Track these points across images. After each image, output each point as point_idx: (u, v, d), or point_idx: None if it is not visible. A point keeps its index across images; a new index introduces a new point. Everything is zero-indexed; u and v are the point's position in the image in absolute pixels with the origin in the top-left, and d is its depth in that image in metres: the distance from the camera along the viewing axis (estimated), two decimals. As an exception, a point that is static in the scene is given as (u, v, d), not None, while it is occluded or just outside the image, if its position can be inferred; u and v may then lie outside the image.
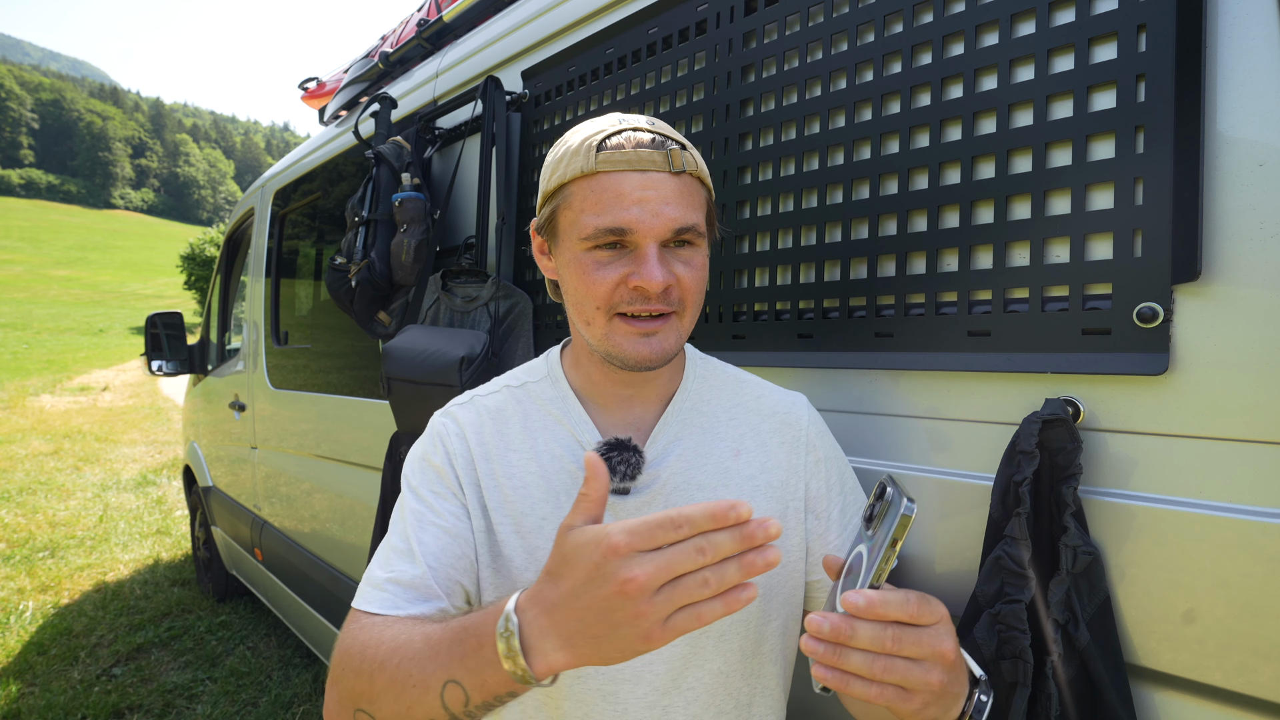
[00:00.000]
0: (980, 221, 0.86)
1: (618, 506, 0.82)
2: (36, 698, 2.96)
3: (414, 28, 2.15)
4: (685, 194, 0.76)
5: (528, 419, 0.88)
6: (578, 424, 0.86)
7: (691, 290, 0.78)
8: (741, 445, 0.88)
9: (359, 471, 2.19)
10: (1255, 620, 0.67)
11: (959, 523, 0.88)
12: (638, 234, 0.74)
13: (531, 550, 0.82)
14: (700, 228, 0.78)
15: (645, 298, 0.76)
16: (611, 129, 0.77)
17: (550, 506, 0.83)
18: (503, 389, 0.91)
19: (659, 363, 0.79)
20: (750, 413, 0.90)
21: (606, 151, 0.75)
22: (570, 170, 0.77)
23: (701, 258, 0.79)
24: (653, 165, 0.75)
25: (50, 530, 5.20)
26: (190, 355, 3.95)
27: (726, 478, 0.85)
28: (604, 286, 0.76)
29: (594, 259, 0.77)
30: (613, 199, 0.74)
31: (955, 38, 0.88)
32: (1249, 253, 0.67)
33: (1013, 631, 0.75)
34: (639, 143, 0.75)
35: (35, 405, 10.88)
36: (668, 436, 0.86)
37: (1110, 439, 0.76)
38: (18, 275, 48.39)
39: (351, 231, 1.87)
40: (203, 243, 28.88)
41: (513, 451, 0.86)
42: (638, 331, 0.77)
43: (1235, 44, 0.68)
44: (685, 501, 0.83)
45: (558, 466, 0.84)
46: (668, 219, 0.74)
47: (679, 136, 0.79)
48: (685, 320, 0.80)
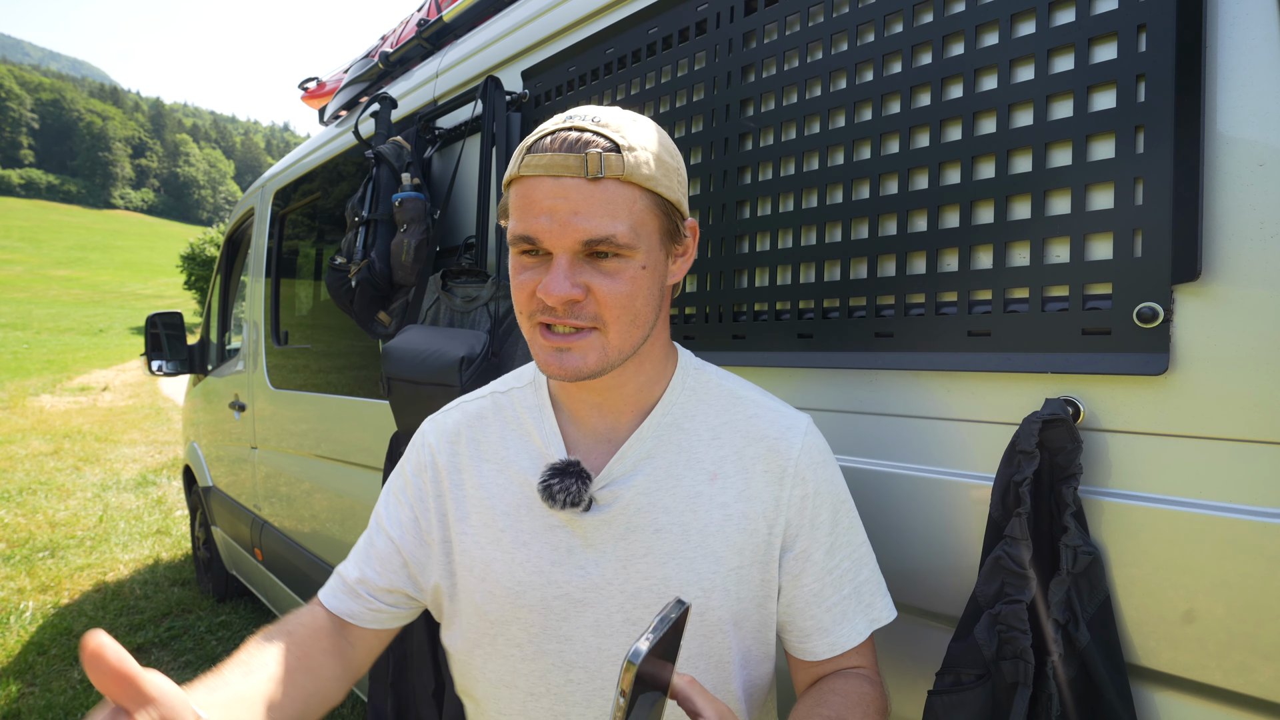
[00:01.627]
0: (980, 221, 0.86)
1: (577, 523, 0.80)
2: (36, 698, 2.96)
3: (414, 28, 2.15)
4: (604, 203, 0.70)
5: (505, 428, 0.88)
6: (547, 436, 0.84)
7: (610, 305, 0.72)
8: (720, 469, 0.81)
9: (359, 471, 2.19)
10: (1255, 620, 0.67)
11: (959, 523, 0.88)
12: (545, 243, 0.71)
13: (488, 562, 0.82)
14: (620, 239, 0.70)
15: (551, 309, 0.73)
16: (550, 129, 0.73)
17: (508, 520, 0.83)
18: (489, 395, 0.91)
19: (573, 378, 0.74)
20: (737, 434, 0.83)
21: (532, 154, 0.71)
22: (510, 171, 0.75)
23: (632, 270, 0.72)
24: (565, 171, 0.69)
25: (50, 530, 5.19)
26: (190, 355, 3.95)
27: (696, 503, 0.80)
28: (523, 293, 0.74)
29: (519, 264, 0.75)
30: (527, 206, 0.71)
31: (955, 38, 0.88)
32: (1249, 253, 0.67)
33: (1013, 632, 0.75)
34: (561, 144, 0.70)
35: (35, 405, 10.88)
36: (638, 453, 0.81)
37: (1110, 439, 0.76)
38: (18, 275, 48.40)
39: (351, 231, 1.87)
40: (203, 243, 28.89)
41: (485, 462, 0.86)
42: (552, 345, 0.74)
43: (1235, 44, 0.68)
44: (648, 524, 0.79)
45: (521, 479, 0.83)
46: (575, 230, 0.69)
47: (621, 138, 0.71)
48: (611, 336, 0.74)
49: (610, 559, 0.80)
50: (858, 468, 0.97)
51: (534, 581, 0.80)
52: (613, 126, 0.72)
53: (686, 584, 0.79)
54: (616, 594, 0.79)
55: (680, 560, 0.79)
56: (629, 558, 0.79)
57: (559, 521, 0.81)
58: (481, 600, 0.83)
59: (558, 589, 0.80)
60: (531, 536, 0.82)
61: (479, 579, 0.83)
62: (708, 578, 0.79)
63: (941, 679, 0.81)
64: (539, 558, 0.81)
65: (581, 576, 0.80)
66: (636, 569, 0.79)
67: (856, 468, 0.97)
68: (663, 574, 0.79)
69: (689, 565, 0.79)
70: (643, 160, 0.72)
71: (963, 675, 0.79)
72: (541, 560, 0.81)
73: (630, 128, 0.73)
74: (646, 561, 0.79)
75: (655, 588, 0.79)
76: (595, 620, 0.79)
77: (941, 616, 0.91)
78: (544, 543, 0.81)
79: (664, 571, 0.79)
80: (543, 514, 0.82)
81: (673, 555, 0.79)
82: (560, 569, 0.80)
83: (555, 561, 0.80)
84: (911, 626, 0.95)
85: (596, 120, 0.72)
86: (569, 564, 0.80)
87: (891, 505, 0.95)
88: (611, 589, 0.79)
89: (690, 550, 0.79)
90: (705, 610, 0.79)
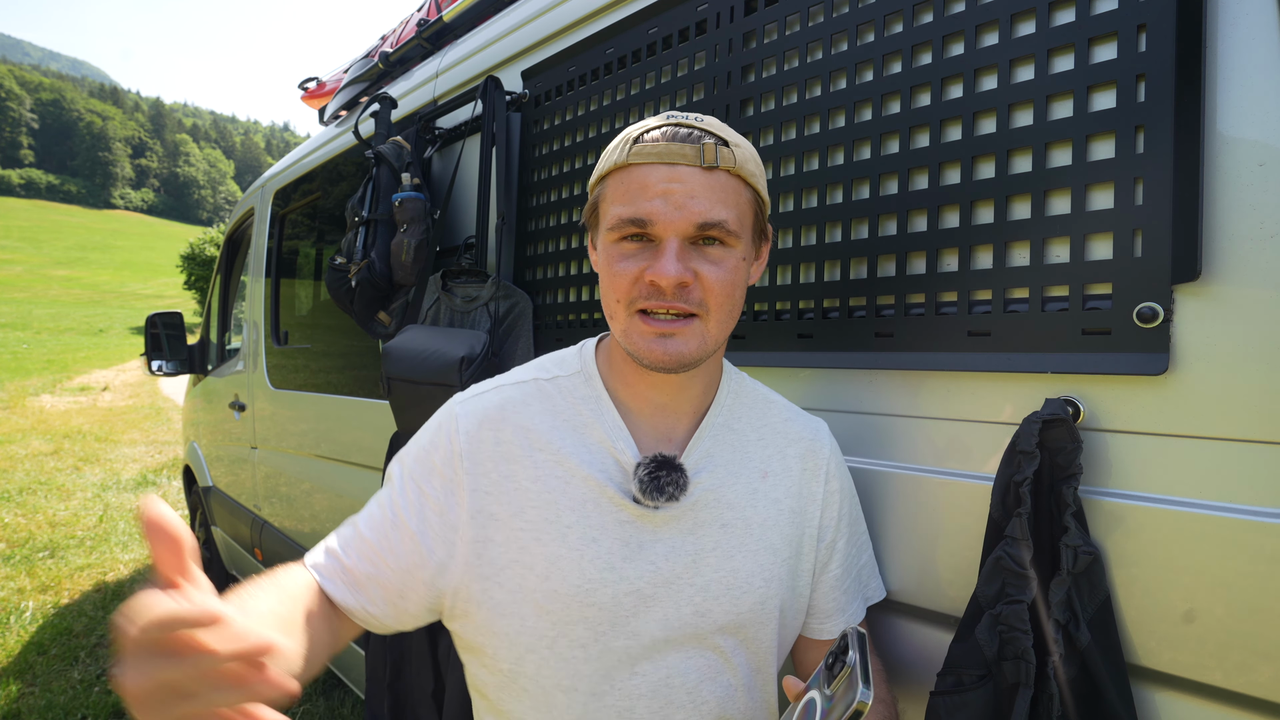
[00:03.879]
0: (980, 221, 0.86)
1: (649, 518, 0.80)
2: (36, 698, 2.96)
3: (414, 28, 2.15)
4: (717, 190, 0.74)
5: (555, 418, 0.83)
6: (613, 431, 0.82)
7: (716, 292, 0.75)
8: (769, 467, 0.87)
9: (359, 471, 2.19)
10: (1255, 620, 0.67)
11: (959, 523, 0.88)
12: (658, 226, 0.73)
13: (552, 559, 0.78)
14: (730, 226, 0.74)
15: (660, 293, 0.74)
16: (655, 124, 0.77)
17: (574, 515, 0.79)
18: (532, 380, 0.86)
19: (674, 366, 0.76)
20: (778, 435, 0.89)
21: (641, 144, 0.75)
22: (609, 162, 0.78)
23: (734, 260, 0.76)
24: (682, 159, 0.73)
25: (50, 530, 5.19)
26: (190, 355, 3.95)
27: (755, 499, 0.85)
28: (624, 279, 0.75)
29: (619, 251, 0.76)
30: (638, 190, 0.74)
31: (955, 38, 0.88)
32: (1249, 253, 0.67)
33: (1015, 632, 0.75)
34: (674, 136, 0.74)
35: (35, 405, 10.88)
36: (701, 452, 0.84)
37: (1110, 439, 0.76)
38: (18, 275, 48.41)
39: (351, 231, 1.87)
40: (203, 243, 28.91)
41: (539, 452, 0.81)
42: (654, 331, 0.75)
43: (1235, 44, 0.68)
44: (714, 519, 0.82)
45: (585, 474, 0.81)
46: (691, 213, 0.73)
47: (728, 134, 0.77)
48: (710, 325, 0.76)
49: (681, 553, 0.81)
50: (858, 468, 0.97)
51: (605, 578, 0.78)
52: (715, 125, 0.77)
53: (752, 575, 0.82)
54: (686, 587, 0.81)
55: (746, 553, 0.83)
56: (699, 551, 0.81)
57: (629, 517, 0.80)
58: (544, 600, 0.78)
59: (629, 585, 0.79)
60: (601, 532, 0.80)
61: (541, 578, 0.78)
62: (769, 568, 0.84)
63: (943, 680, 0.81)
64: (610, 554, 0.79)
65: (653, 571, 0.80)
66: (707, 562, 0.81)
67: (857, 468, 0.97)
68: (731, 566, 0.82)
69: (753, 557, 0.83)
70: (748, 156, 0.77)
71: (964, 676, 0.79)
72: (613, 556, 0.79)
73: (728, 129, 0.78)
74: (716, 555, 0.82)
75: (725, 580, 0.81)
76: (664, 615, 0.80)
77: (942, 617, 0.91)
78: (614, 538, 0.80)
79: (732, 564, 0.82)
80: (611, 509, 0.80)
81: (739, 548, 0.82)
82: (632, 564, 0.79)
83: (627, 557, 0.79)
84: (912, 627, 0.95)
85: (699, 119, 0.77)
86: (640, 559, 0.80)
87: (891, 505, 0.95)
88: (682, 583, 0.80)
89: (754, 543, 0.83)
90: (765, 599, 0.83)
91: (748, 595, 0.82)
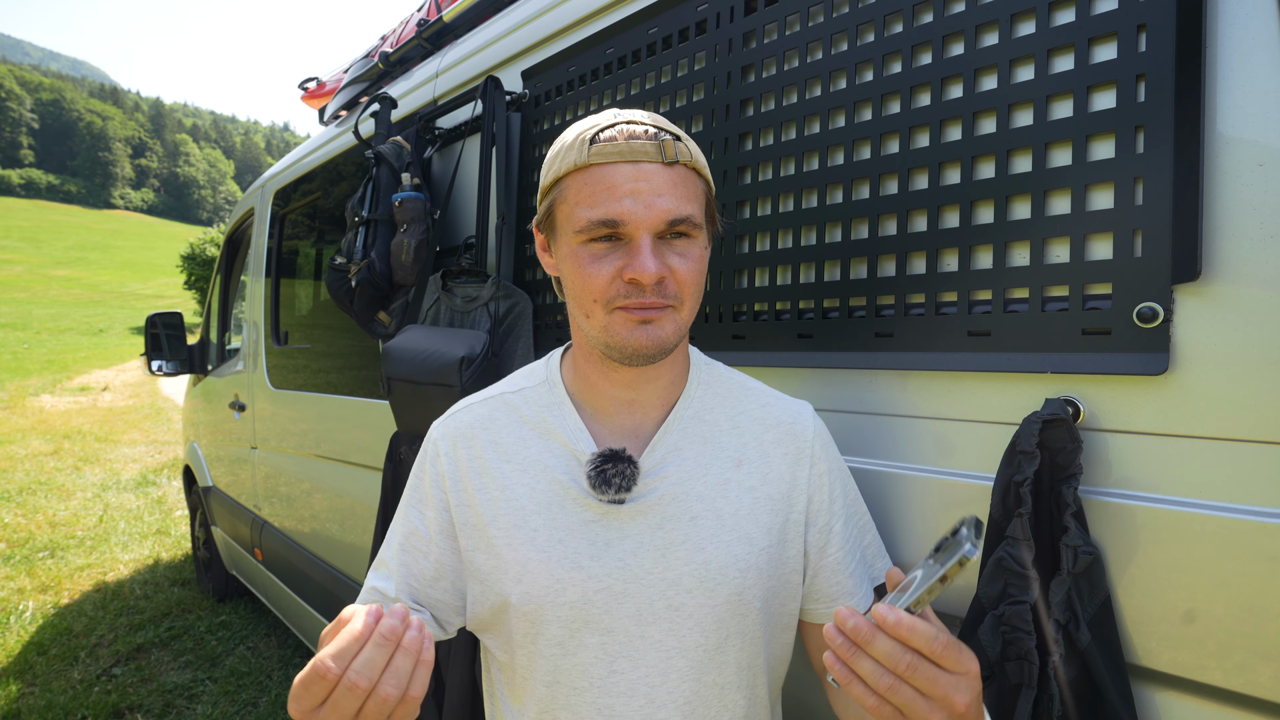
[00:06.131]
0: (980, 221, 0.86)
1: (614, 516, 0.82)
2: (36, 698, 2.96)
3: (414, 28, 2.15)
4: (679, 185, 0.75)
5: (521, 428, 0.88)
6: (572, 432, 0.85)
7: (687, 283, 0.77)
8: (744, 455, 0.86)
9: (359, 471, 2.19)
10: (1255, 620, 0.67)
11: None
12: (630, 225, 0.74)
13: (523, 563, 0.82)
14: (696, 219, 0.76)
15: (640, 290, 0.75)
16: (606, 123, 0.77)
17: (541, 519, 0.83)
18: (499, 396, 0.91)
19: (656, 352, 0.77)
20: (754, 422, 0.89)
21: (599, 144, 0.75)
22: (565, 164, 0.77)
23: (698, 250, 0.78)
24: (645, 156, 0.74)
25: (50, 530, 5.19)
26: (190, 355, 3.95)
27: (726, 489, 0.84)
28: (600, 280, 0.75)
29: (589, 252, 0.76)
30: (605, 191, 0.74)
31: (955, 38, 0.88)
32: (1249, 253, 0.67)
33: (1018, 633, 0.75)
34: (632, 134, 0.75)
35: (35, 405, 10.88)
36: (667, 446, 0.84)
37: (1110, 439, 0.76)
38: (18, 275, 48.42)
39: (351, 231, 1.87)
40: (203, 243, 28.88)
41: (507, 463, 0.86)
42: (636, 318, 0.76)
43: (1235, 44, 0.68)
44: (683, 512, 0.82)
45: (549, 477, 0.84)
46: (660, 210, 0.73)
47: (675, 129, 0.78)
48: (683, 313, 0.78)
49: (649, 548, 0.81)
50: (858, 468, 0.97)
51: (574, 577, 0.80)
52: (662, 121, 0.79)
53: (726, 566, 0.81)
54: (657, 582, 0.81)
55: (718, 544, 0.82)
56: (667, 545, 0.81)
57: (595, 516, 0.82)
58: (519, 602, 0.82)
59: (598, 583, 0.80)
60: (567, 533, 0.82)
61: (515, 581, 0.82)
62: (744, 559, 0.82)
63: (942, 679, 0.81)
64: (577, 553, 0.81)
65: (621, 568, 0.81)
66: (676, 555, 0.81)
67: (856, 468, 0.97)
68: (702, 558, 0.81)
69: (726, 548, 0.82)
70: (696, 149, 0.79)
71: (964, 675, 0.79)
72: (580, 555, 0.81)
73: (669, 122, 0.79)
74: (685, 548, 0.81)
75: (696, 572, 0.81)
76: (637, 610, 0.81)
77: (943, 618, 0.91)
78: (580, 538, 0.81)
79: (703, 556, 0.81)
80: (576, 510, 0.82)
81: (710, 540, 0.82)
82: (599, 562, 0.81)
83: (594, 555, 0.81)
84: (912, 626, 0.95)
85: (646, 115, 0.78)
86: (608, 557, 0.81)
87: (891, 505, 0.95)
88: (652, 578, 0.81)
89: (726, 534, 0.83)
90: (742, 590, 0.82)
91: (722, 587, 0.81)
